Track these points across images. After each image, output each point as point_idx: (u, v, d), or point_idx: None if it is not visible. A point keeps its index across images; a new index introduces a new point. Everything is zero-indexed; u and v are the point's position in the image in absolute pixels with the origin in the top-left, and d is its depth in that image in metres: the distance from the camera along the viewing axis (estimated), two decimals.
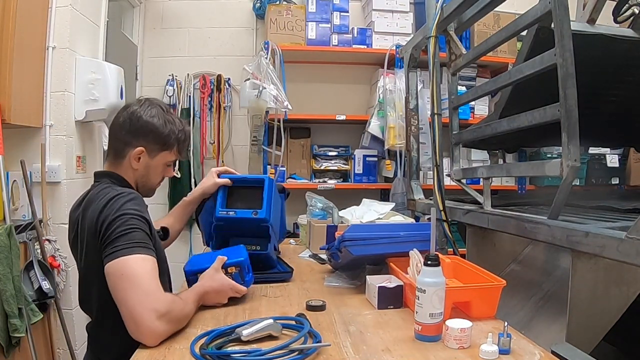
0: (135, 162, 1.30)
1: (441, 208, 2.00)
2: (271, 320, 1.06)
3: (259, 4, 3.45)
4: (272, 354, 0.95)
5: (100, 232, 1.12)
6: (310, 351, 0.97)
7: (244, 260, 1.30)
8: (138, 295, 1.01)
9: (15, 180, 2.20)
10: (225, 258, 1.28)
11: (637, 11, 1.89)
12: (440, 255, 1.11)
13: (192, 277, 1.30)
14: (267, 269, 1.58)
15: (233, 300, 1.32)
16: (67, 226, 2.34)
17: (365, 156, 3.28)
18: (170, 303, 1.05)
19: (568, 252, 1.32)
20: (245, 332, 1.01)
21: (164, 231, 1.60)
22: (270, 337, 1.04)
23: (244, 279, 1.30)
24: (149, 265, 1.07)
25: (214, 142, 3.45)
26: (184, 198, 1.69)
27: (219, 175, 1.63)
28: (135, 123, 1.28)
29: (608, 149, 3.37)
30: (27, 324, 1.92)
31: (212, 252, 1.49)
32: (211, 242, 1.62)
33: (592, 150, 3.34)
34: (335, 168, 3.33)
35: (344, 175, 3.36)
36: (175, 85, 3.40)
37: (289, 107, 2.92)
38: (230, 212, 1.50)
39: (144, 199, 1.30)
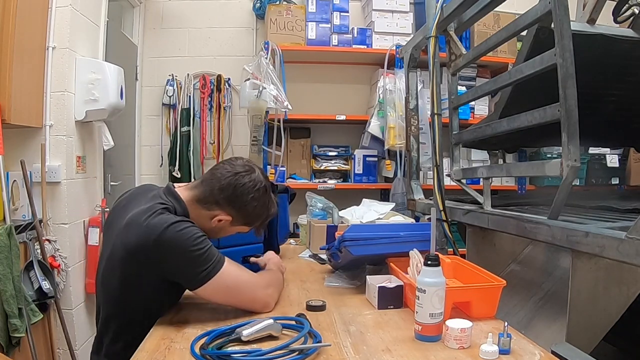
0: (216, 222, 1.30)
1: (441, 208, 2.00)
2: (271, 320, 1.06)
3: (259, 4, 3.45)
4: (272, 354, 0.95)
5: (162, 259, 1.14)
6: (311, 351, 0.97)
7: None
8: (245, 289, 1.22)
9: (15, 180, 2.20)
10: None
11: (637, 11, 1.89)
12: (440, 255, 1.11)
13: None
14: None
15: None
16: (67, 226, 2.36)
17: (365, 156, 3.28)
18: (264, 276, 1.31)
19: (568, 252, 1.32)
20: (246, 332, 1.01)
21: None
22: (271, 337, 1.04)
23: None
24: (233, 265, 1.22)
25: (214, 142, 3.45)
26: None
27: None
28: (237, 196, 1.27)
29: (608, 149, 3.37)
30: (27, 324, 1.92)
31: None
32: None
33: (592, 150, 3.34)
34: (335, 168, 3.33)
35: (344, 175, 3.36)
36: (175, 85, 3.40)
37: (289, 107, 2.92)
38: None
39: None
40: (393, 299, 1.28)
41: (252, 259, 1.54)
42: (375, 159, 3.31)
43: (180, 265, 1.15)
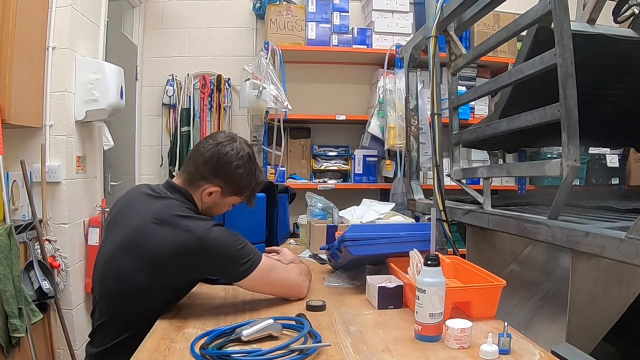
0: (207, 196, 1.32)
1: (441, 208, 2.00)
2: (271, 320, 1.06)
3: (259, 4, 3.45)
4: (272, 354, 0.95)
5: (206, 258, 1.20)
6: (311, 351, 0.97)
7: None
8: (283, 279, 1.33)
9: (15, 180, 2.20)
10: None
11: (637, 11, 1.89)
12: (440, 255, 1.11)
13: None
14: None
15: (233, 301, 1.34)
16: (67, 226, 2.36)
17: (365, 156, 3.28)
18: (296, 266, 1.41)
19: (568, 252, 1.32)
20: (246, 332, 1.01)
21: None
22: (271, 337, 1.04)
23: None
24: (268, 259, 1.32)
25: None
26: None
27: None
28: (221, 166, 1.29)
29: (608, 149, 3.37)
30: (27, 324, 1.92)
31: None
32: None
33: (592, 150, 3.34)
34: (335, 168, 3.33)
35: (344, 175, 3.36)
36: (175, 85, 3.40)
37: (289, 107, 2.92)
38: None
39: None
40: (393, 299, 1.28)
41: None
42: (375, 159, 3.30)
43: (226, 262, 1.22)
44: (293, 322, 1.12)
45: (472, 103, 3.22)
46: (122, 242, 1.22)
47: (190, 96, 3.41)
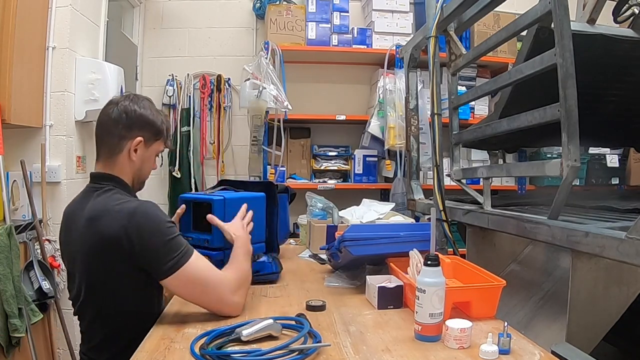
0: (134, 154, 1.30)
1: (441, 208, 2.00)
2: (271, 320, 1.06)
3: (259, 4, 3.45)
4: (272, 354, 0.95)
5: (133, 245, 1.13)
6: (310, 351, 0.97)
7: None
8: (213, 289, 1.17)
9: (15, 180, 2.20)
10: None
11: (637, 11, 1.89)
12: (440, 255, 1.10)
13: None
14: None
15: None
16: None
17: (365, 156, 3.29)
18: (233, 277, 1.21)
19: (568, 252, 1.32)
20: (245, 332, 1.01)
21: None
22: (270, 337, 1.04)
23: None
24: (202, 259, 1.19)
25: (214, 142, 3.45)
26: None
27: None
28: (131, 116, 1.29)
29: (608, 149, 3.37)
30: (27, 324, 1.92)
31: None
32: None
33: (592, 150, 3.35)
34: (335, 168, 3.33)
35: (344, 175, 3.36)
36: (175, 85, 3.40)
37: (289, 107, 2.92)
38: (189, 238, 1.39)
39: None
40: (393, 299, 1.28)
41: (212, 218, 1.39)
42: (375, 159, 3.31)
43: (153, 247, 1.13)
44: (293, 322, 1.12)
45: (472, 103, 3.22)
46: (82, 258, 1.21)
47: (190, 96, 3.41)
